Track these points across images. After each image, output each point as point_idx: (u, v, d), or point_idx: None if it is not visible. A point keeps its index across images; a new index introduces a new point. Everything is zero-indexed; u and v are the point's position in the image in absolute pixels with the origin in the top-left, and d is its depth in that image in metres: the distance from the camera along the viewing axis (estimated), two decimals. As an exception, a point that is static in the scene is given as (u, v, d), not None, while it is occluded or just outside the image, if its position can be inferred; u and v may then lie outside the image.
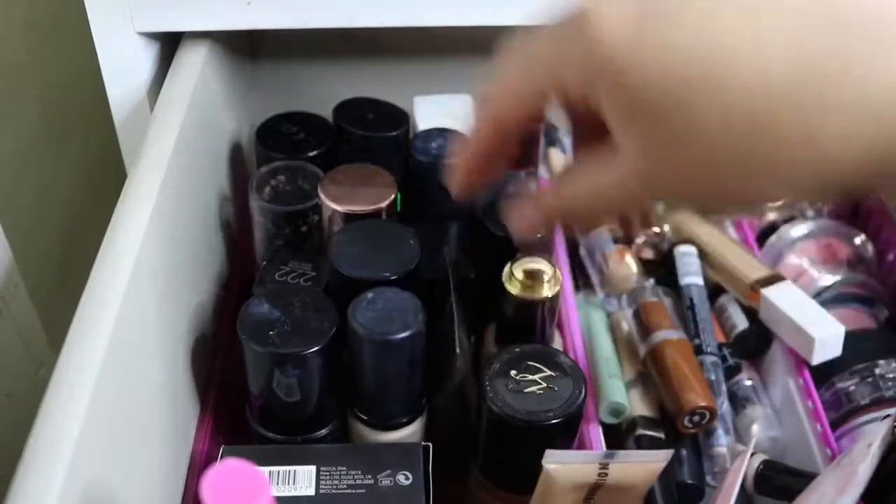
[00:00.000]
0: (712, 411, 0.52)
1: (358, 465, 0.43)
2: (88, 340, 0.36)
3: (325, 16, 0.53)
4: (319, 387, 0.45)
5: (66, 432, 0.33)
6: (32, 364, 0.66)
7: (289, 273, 0.51)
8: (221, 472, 0.30)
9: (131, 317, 0.39)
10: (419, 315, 0.44)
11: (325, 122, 0.61)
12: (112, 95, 0.55)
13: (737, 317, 0.60)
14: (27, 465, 0.32)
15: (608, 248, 0.62)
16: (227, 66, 0.62)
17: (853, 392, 0.54)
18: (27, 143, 0.72)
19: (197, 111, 0.53)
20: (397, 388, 0.46)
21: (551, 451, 0.41)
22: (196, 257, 0.51)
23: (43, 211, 0.74)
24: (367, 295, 0.44)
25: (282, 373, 0.44)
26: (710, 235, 0.62)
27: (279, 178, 0.55)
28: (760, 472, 0.51)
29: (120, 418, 0.38)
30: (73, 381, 0.35)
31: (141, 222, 0.42)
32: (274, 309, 0.45)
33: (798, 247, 0.64)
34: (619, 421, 0.55)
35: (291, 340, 0.43)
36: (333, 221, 0.51)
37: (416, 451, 0.44)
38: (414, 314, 0.44)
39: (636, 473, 0.42)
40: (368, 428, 0.48)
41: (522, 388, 0.45)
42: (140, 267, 0.41)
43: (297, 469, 0.42)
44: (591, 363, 0.57)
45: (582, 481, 0.42)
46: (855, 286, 0.62)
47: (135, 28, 0.52)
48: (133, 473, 0.40)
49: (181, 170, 0.48)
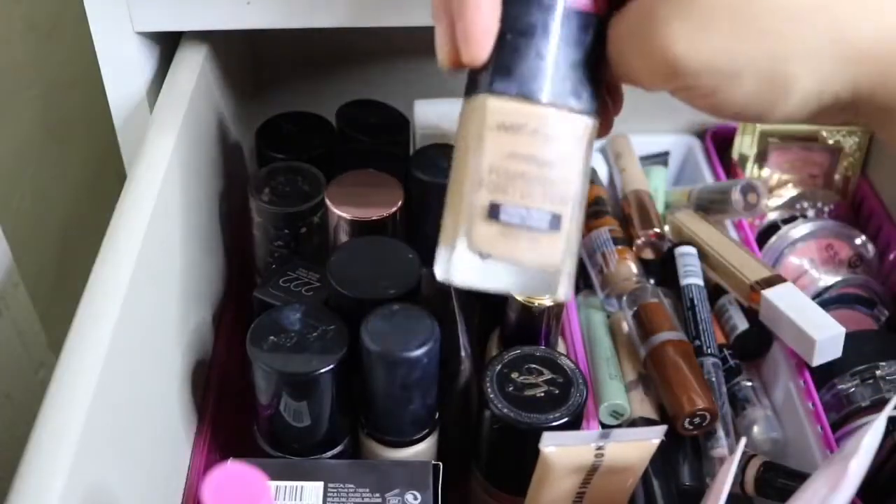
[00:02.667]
0: (713, 413, 0.52)
1: (366, 484, 0.42)
2: (88, 341, 0.36)
3: (325, 16, 0.53)
4: (330, 407, 0.45)
5: (66, 434, 0.33)
6: (32, 364, 0.66)
7: (293, 280, 0.50)
8: (222, 476, 0.30)
9: (131, 317, 0.39)
10: (434, 330, 0.43)
11: (325, 123, 0.61)
12: (112, 95, 0.55)
13: (737, 318, 0.60)
14: (27, 467, 0.32)
15: (608, 248, 0.62)
16: (227, 66, 0.62)
17: (854, 393, 0.54)
18: (27, 143, 0.72)
19: (197, 111, 0.53)
20: (410, 406, 0.46)
21: (549, 434, 0.41)
22: (196, 257, 0.51)
23: (43, 211, 0.74)
24: (380, 312, 0.44)
25: (291, 394, 0.44)
26: (711, 236, 0.62)
27: (279, 179, 0.54)
28: (761, 474, 0.51)
29: (120, 419, 0.38)
30: (73, 382, 0.35)
31: (141, 222, 0.42)
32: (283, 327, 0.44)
33: (798, 247, 0.64)
34: (620, 422, 0.55)
35: (302, 361, 0.43)
36: (340, 228, 0.51)
37: (426, 471, 0.43)
38: (429, 330, 0.43)
39: (631, 453, 0.42)
40: (381, 445, 0.47)
41: (523, 391, 0.45)
42: (140, 267, 0.41)
43: (304, 485, 0.42)
44: (591, 364, 0.57)
45: (579, 464, 0.42)
46: (855, 287, 0.62)
47: (134, 28, 0.52)
48: (133, 475, 0.40)
49: (181, 170, 0.48)
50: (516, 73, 0.33)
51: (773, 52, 0.31)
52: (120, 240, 0.41)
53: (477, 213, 0.33)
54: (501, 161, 0.33)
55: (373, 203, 0.51)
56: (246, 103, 0.69)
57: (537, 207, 0.33)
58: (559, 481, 0.42)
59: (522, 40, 0.33)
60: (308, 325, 0.45)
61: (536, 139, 0.33)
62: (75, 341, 0.36)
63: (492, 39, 0.33)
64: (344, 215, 0.50)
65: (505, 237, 0.33)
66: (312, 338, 0.44)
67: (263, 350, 0.43)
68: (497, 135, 0.33)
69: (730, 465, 0.40)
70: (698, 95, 0.33)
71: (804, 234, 0.64)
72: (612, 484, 0.44)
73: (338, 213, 0.50)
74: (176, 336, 0.47)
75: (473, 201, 0.33)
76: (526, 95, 0.33)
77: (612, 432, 0.41)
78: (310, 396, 0.44)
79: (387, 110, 0.60)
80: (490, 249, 0.33)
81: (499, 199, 0.33)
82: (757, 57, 0.31)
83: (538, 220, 0.33)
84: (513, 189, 0.33)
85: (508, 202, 0.33)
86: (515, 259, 0.33)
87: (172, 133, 0.48)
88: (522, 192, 0.33)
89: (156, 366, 0.44)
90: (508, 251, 0.33)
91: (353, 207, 0.50)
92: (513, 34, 0.33)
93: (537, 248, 0.33)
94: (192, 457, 0.48)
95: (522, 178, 0.33)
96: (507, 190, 0.33)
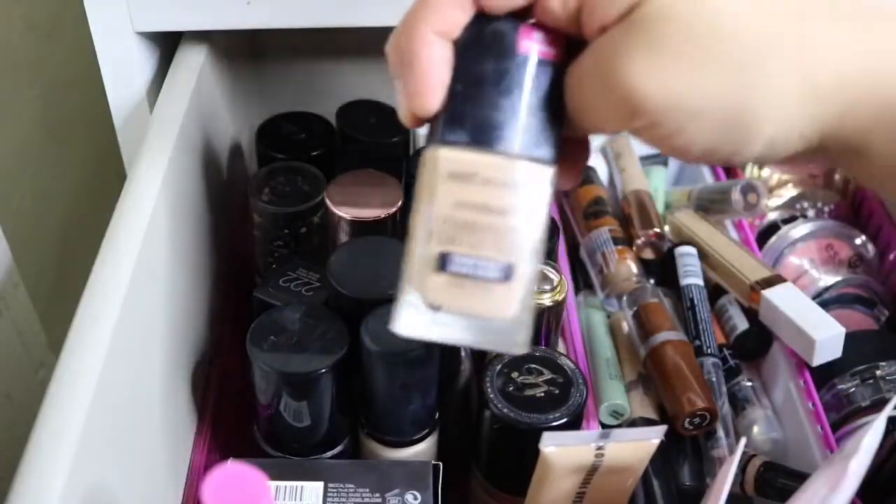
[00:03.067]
0: (713, 413, 0.52)
1: (366, 484, 0.42)
2: (88, 341, 0.36)
3: (326, 15, 0.53)
4: (330, 407, 0.45)
5: (66, 434, 0.33)
6: (32, 364, 0.66)
7: (293, 280, 0.50)
8: (222, 476, 0.30)
9: (131, 317, 0.39)
10: None
11: (325, 123, 0.61)
12: (112, 95, 0.55)
13: (737, 318, 0.60)
14: (27, 467, 0.32)
15: (608, 248, 0.62)
16: (227, 66, 0.62)
17: (854, 393, 0.54)
18: (27, 143, 0.72)
19: (197, 111, 0.53)
20: (410, 406, 0.46)
21: (548, 434, 0.41)
22: (196, 257, 0.51)
23: (43, 211, 0.74)
24: (380, 312, 0.44)
25: (291, 394, 0.44)
26: (711, 236, 0.62)
27: (279, 179, 0.54)
28: (761, 474, 0.51)
29: (120, 419, 0.38)
30: (73, 382, 0.35)
31: (141, 222, 0.42)
32: (283, 327, 0.44)
33: (798, 247, 0.64)
34: (620, 422, 0.55)
35: (302, 361, 0.43)
36: (340, 228, 0.51)
37: (426, 471, 0.43)
38: None
39: (631, 453, 0.42)
40: (381, 445, 0.47)
41: (523, 391, 0.45)
42: (140, 267, 0.41)
43: (304, 485, 0.42)
44: (591, 364, 0.57)
45: (579, 464, 0.42)
46: (855, 287, 0.62)
47: (134, 28, 0.52)
48: (133, 475, 0.40)
49: (181, 170, 0.48)
50: (467, 123, 0.33)
51: (737, 88, 0.30)
52: (120, 240, 0.41)
53: (428, 263, 0.33)
54: (452, 210, 0.32)
55: (373, 203, 0.51)
56: (246, 103, 0.69)
57: (489, 257, 0.32)
58: (559, 481, 0.42)
59: (473, 90, 0.33)
60: (308, 325, 0.45)
61: (488, 188, 0.32)
62: (75, 341, 0.36)
63: (442, 91, 0.33)
64: (344, 215, 0.50)
65: (455, 288, 0.33)
66: (312, 338, 0.44)
67: (263, 350, 0.43)
68: (448, 184, 0.32)
69: (730, 465, 0.40)
70: (661, 136, 0.32)
71: (804, 234, 0.64)
72: (612, 484, 0.44)
73: (338, 213, 0.50)
74: (176, 336, 0.47)
75: (424, 252, 0.33)
76: (476, 145, 0.32)
77: (612, 432, 0.41)
78: (310, 396, 0.44)
79: (387, 110, 0.60)
80: (441, 300, 0.33)
81: (448, 249, 0.32)
82: (721, 94, 0.30)
83: (489, 270, 0.33)
84: (463, 239, 0.32)
85: (458, 252, 0.32)
86: (466, 310, 0.33)
87: (172, 133, 0.48)
88: (473, 242, 0.32)
89: (156, 366, 0.44)
90: (459, 302, 0.33)
91: (353, 207, 0.50)
92: (463, 84, 0.33)
93: (489, 299, 0.33)
94: (192, 457, 0.48)
95: (473, 228, 0.32)
96: (458, 240, 0.32)
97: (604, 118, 0.33)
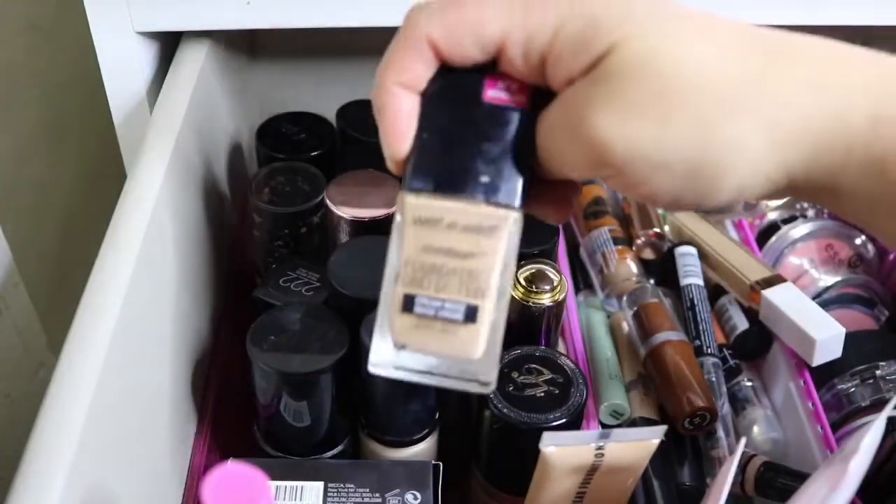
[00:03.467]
0: (713, 413, 0.52)
1: (366, 483, 0.42)
2: (88, 341, 0.36)
3: (326, 16, 0.53)
4: (330, 406, 0.45)
5: (67, 434, 0.33)
6: (32, 364, 0.66)
7: (293, 280, 0.50)
8: (222, 476, 0.30)
9: (131, 317, 0.39)
10: None
11: (325, 123, 0.61)
12: (112, 95, 0.55)
13: (737, 318, 0.60)
14: (27, 467, 0.32)
15: (608, 248, 0.62)
16: (226, 66, 0.62)
17: (854, 393, 0.54)
18: (27, 142, 0.72)
19: (197, 111, 0.53)
20: (411, 406, 0.46)
21: (548, 434, 0.41)
22: (196, 258, 0.51)
23: (43, 211, 0.74)
24: None
25: (291, 394, 0.44)
26: (711, 236, 0.62)
27: (279, 179, 0.54)
28: (761, 474, 0.51)
29: (120, 420, 0.38)
30: (74, 383, 0.35)
31: (141, 222, 0.42)
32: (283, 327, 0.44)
33: (798, 247, 0.64)
34: (620, 422, 0.55)
35: (302, 361, 0.43)
36: (340, 228, 0.51)
37: (426, 471, 0.43)
38: None
39: (631, 452, 0.43)
40: (381, 445, 0.47)
41: (523, 391, 0.45)
42: (140, 267, 0.41)
43: (304, 485, 0.42)
44: (591, 364, 0.57)
45: (579, 464, 0.42)
46: (855, 287, 0.62)
47: (134, 28, 0.52)
48: (133, 475, 0.40)
49: (181, 170, 0.48)
50: (432, 171, 0.34)
51: (701, 142, 0.30)
52: (120, 240, 0.41)
53: (394, 305, 0.34)
54: (418, 255, 0.34)
55: (373, 203, 0.51)
56: (246, 103, 0.69)
57: (453, 299, 0.34)
58: (559, 481, 0.42)
59: (437, 139, 0.34)
60: (308, 325, 0.45)
61: (453, 233, 0.34)
62: (75, 341, 0.36)
63: (408, 140, 0.34)
64: (344, 215, 0.50)
65: (419, 329, 0.34)
66: (312, 338, 0.44)
67: (263, 350, 0.43)
68: (415, 229, 0.34)
69: (730, 465, 0.40)
70: (629, 184, 0.32)
71: (804, 234, 0.64)
72: (612, 484, 0.44)
73: (338, 213, 0.50)
74: (176, 336, 0.47)
75: (392, 293, 0.34)
76: (441, 192, 0.34)
77: (612, 432, 0.41)
78: (310, 396, 0.44)
79: None
80: (406, 340, 0.34)
81: (413, 291, 0.34)
82: (684, 148, 0.30)
83: (453, 312, 0.34)
84: (428, 281, 0.34)
85: (423, 294, 0.34)
86: (429, 350, 0.34)
87: (172, 133, 0.48)
88: (438, 285, 0.34)
89: (156, 366, 0.44)
90: (423, 342, 0.34)
91: (353, 207, 0.50)
92: (429, 133, 0.34)
93: (455, 340, 0.34)
94: (192, 457, 0.48)
95: (440, 272, 0.34)
96: (423, 283, 0.34)
97: (572, 166, 0.33)
